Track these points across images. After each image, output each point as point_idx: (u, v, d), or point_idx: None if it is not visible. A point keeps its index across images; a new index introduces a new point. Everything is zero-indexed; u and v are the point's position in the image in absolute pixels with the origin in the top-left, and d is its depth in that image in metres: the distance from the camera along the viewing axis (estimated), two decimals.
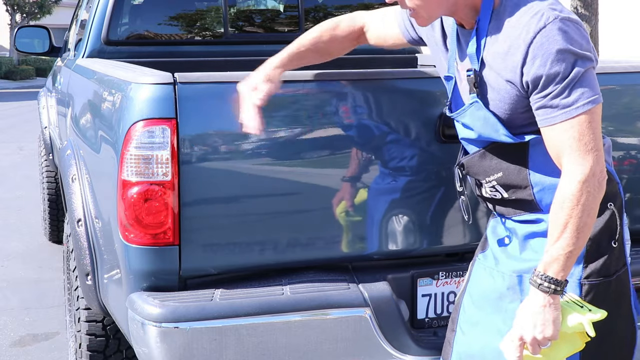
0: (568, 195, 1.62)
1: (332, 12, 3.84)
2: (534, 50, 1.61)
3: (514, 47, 1.64)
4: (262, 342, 1.98)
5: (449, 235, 2.24)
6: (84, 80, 2.90)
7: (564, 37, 1.59)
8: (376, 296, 2.06)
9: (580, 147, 1.61)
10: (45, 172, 4.89)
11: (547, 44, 1.59)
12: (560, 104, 1.61)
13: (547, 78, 1.61)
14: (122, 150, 1.98)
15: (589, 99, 1.60)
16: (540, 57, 1.60)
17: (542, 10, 1.62)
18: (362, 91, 2.13)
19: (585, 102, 1.60)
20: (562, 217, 1.62)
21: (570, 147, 1.62)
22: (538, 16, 1.61)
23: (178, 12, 3.67)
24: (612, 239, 1.76)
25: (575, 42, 1.60)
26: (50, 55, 5.06)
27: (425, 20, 1.76)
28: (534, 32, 1.61)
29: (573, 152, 1.62)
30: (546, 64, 1.60)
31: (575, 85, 1.60)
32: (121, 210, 1.99)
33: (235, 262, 2.10)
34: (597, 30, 8.04)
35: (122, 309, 2.10)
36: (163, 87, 1.96)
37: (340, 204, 2.11)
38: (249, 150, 2.04)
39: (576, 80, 1.60)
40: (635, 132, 2.37)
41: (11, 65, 28.00)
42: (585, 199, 1.61)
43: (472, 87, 1.74)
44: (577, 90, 1.60)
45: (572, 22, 1.62)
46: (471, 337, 1.85)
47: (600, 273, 1.74)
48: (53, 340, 3.68)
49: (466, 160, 1.85)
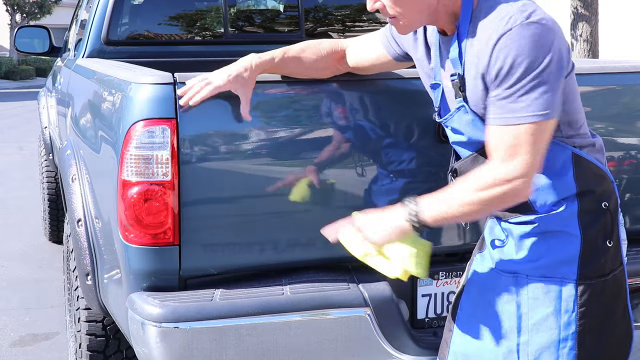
0: (480, 180, 1.64)
1: (332, 12, 3.84)
2: (497, 52, 1.60)
3: (482, 50, 1.64)
4: (262, 342, 1.98)
5: (449, 235, 2.24)
6: (84, 80, 2.90)
7: (527, 42, 1.57)
8: (376, 296, 2.06)
9: (511, 154, 1.61)
10: (45, 172, 4.89)
11: (508, 47, 1.58)
12: (507, 108, 1.61)
13: (501, 79, 1.60)
14: (122, 150, 1.98)
15: (537, 113, 1.59)
16: (500, 59, 1.60)
17: (510, 12, 1.61)
18: (361, 92, 2.13)
19: (531, 115, 1.59)
20: (461, 192, 1.66)
21: (505, 151, 1.62)
22: (506, 19, 1.60)
23: (178, 12, 3.66)
24: (607, 239, 1.76)
25: (540, 48, 1.57)
26: (50, 55, 5.06)
27: (405, 28, 1.76)
28: (499, 35, 1.60)
29: (505, 155, 1.62)
30: (504, 66, 1.59)
31: (527, 94, 1.58)
32: (121, 210, 1.99)
33: (235, 262, 2.10)
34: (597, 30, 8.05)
35: (122, 309, 2.10)
36: (163, 87, 1.97)
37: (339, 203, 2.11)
38: (249, 150, 2.04)
39: (529, 89, 1.58)
40: (635, 132, 2.37)
41: (11, 65, 28.00)
42: (489, 195, 1.63)
43: (458, 92, 1.74)
44: (527, 100, 1.59)
45: (542, 25, 1.58)
46: (468, 337, 1.85)
47: (595, 273, 1.74)
48: (53, 340, 3.68)
49: (459, 165, 1.85)
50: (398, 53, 2.01)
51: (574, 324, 1.73)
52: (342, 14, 3.82)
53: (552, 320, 1.74)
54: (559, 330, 1.74)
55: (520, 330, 1.77)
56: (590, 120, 2.27)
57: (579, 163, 1.74)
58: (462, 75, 1.72)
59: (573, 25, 8.07)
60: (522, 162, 1.61)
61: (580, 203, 1.73)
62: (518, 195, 1.64)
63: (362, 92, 2.13)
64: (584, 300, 1.73)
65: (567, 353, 1.74)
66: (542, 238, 1.76)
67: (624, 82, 2.37)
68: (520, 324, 1.77)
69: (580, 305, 1.73)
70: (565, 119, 1.71)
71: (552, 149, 1.72)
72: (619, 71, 2.38)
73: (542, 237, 1.76)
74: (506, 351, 1.78)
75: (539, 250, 1.76)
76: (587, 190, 1.74)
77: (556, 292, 1.74)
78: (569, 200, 1.74)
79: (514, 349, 1.77)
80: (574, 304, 1.73)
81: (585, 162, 1.75)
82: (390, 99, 2.14)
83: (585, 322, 1.74)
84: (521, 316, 1.77)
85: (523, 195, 1.65)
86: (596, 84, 2.34)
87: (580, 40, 7.97)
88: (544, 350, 1.75)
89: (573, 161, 1.74)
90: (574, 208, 1.73)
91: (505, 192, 1.63)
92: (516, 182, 1.62)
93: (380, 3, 1.73)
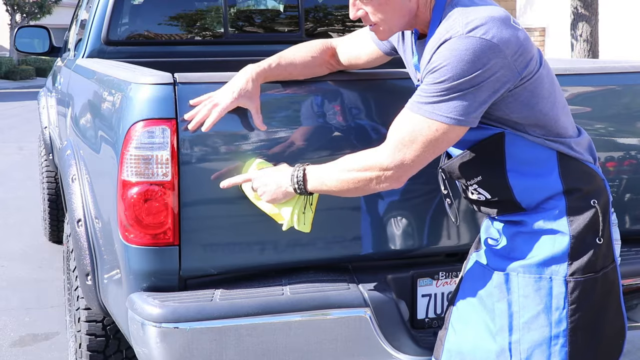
0: (359, 161, 1.75)
1: (332, 12, 3.84)
2: (434, 57, 1.66)
3: (427, 55, 1.70)
4: (262, 342, 1.98)
5: (449, 235, 2.24)
6: (84, 80, 2.90)
7: (458, 53, 1.61)
8: (376, 296, 2.06)
9: (402, 146, 1.69)
10: (45, 172, 4.89)
11: (442, 54, 1.63)
12: (423, 100, 1.67)
13: (428, 75, 1.66)
14: (122, 151, 1.98)
15: (446, 114, 1.65)
16: (434, 62, 1.65)
17: (456, 23, 1.65)
18: (361, 91, 2.13)
19: (440, 114, 1.65)
20: (339, 169, 1.79)
21: (399, 139, 1.69)
22: (450, 29, 1.65)
23: (178, 12, 3.66)
24: (596, 236, 1.76)
25: (469, 62, 1.61)
26: (50, 55, 5.06)
27: (385, 34, 1.82)
28: (439, 43, 1.65)
29: (395, 142, 1.70)
30: (434, 68, 1.64)
31: (445, 96, 1.64)
32: (121, 211, 1.99)
33: (235, 262, 2.10)
34: (597, 30, 8.04)
35: (122, 309, 2.10)
36: (163, 87, 1.96)
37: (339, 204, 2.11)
38: (249, 150, 2.04)
39: (447, 92, 1.63)
40: (635, 132, 2.37)
41: (11, 65, 27.99)
42: (361, 177, 1.74)
43: None
44: (442, 100, 1.64)
45: (481, 41, 1.61)
46: (462, 336, 1.86)
47: (585, 270, 1.75)
48: (53, 340, 3.68)
49: (446, 166, 1.87)
50: (387, 47, 2.07)
51: (565, 321, 1.74)
52: (342, 14, 3.81)
53: (543, 318, 1.75)
54: (550, 327, 1.75)
55: (512, 328, 1.78)
56: (590, 120, 2.28)
57: (565, 161, 1.76)
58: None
59: (573, 25, 8.07)
60: (407, 157, 1.69)
61: (568, 201, 1.75)
62: (384, 183, 1.73)
63: (363, 92, 2.13)
64: (574, 297, 1.74)
65: (559, 350, 1.75)
66: (532, 236, 1.77)
67: (624, 82, 2.37)
68: (511, 322, 1.78)
69: (571, 303, 1.74)
70: (526, 122, 1.74)
71: (536, 148, 1.75)
72: (619, 71, 2.38)
73: (531, 236, 1.77)
74: (499, 349, 1.79)
75: (528, 248, 1.77)
76: (574, 188, 1.75)
77: (546, 289, 1.75)
78: (556, 198, 1.75)
79: (506, 348, 1.78)
80: (564, 301, 1.74)
81: (571, 160, 1.77)
82: (391, 99, 2.14)
83: (577, 319, 1.74)
84: (512, 314, 1.78)
85: (387, 186, 1.74)
86: (596, 84, 2.34)
87: (580, 40, 7.97)
88: (535, 347, 1.76)
89: (558, 159, 1.76)
90: (561, 206, 1.75)
91: (378, 177, 1.72)
92: (388, 172, 1.71)
93: (362, 11, 1.79)
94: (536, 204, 1.77)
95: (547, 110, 1.74)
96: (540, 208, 1.77)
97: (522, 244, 1.79)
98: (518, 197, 1.77)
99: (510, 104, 1.70)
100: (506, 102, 1.70)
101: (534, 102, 1.72)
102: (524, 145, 1.75)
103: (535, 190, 1.76)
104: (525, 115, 1.72)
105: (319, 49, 2.13)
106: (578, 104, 2.27)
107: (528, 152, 1.75)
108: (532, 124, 1.73)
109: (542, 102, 1.73)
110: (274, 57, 2.08)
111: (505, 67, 1.63)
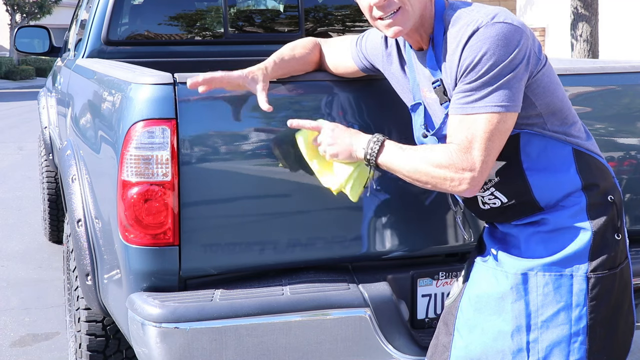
0: (438, 157, 1.69)
1: (332, 12, 3.84)
2: (465, 51, 1.67)
3: (453, 55, 1.70)
4: (262, 342, 1.98)
5: (449, 235, 2.24)
6: (84, 81, 2.90)
7: (493, 39, 1.64)
8: (376, 296, 2.06)
9: (467, 146, 1.67)
10: (45, 172, 4.89)
11: (476, 45, 1.65)
12: (467, 99, 1.66)
13: (466, 73, 1.66)
14: (122, 151, 1.98)
15: (498, 104, 1.65)
16: (469, 57, 1.66)
17: (476, 17, 1.68)
18: (362, 91, 2.13)
19: (492, 105, 1.65)
20: (418, 159, 1.72)
21: (461, 141, 1.67)
22: (472, 23, 1.67)
23: (178, 12, 3.67)
24: (615, 232, 1.77)
25: (505, 45, 1.64)
26: (50, 55, 5.06)
27: (405, 23, 1.75)
28: (468, 36, 1.66)
29: (462, 145, 1.67)
30: (471, 62, 1.65)
31: (487, 87, 1.64)
32: (121, 211, 1.99)
33: (235, 262, 2.10)
34: (597, 30, 8.04)
35: (122, 309, 2.10)
36: (163, 88, 1.96)
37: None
38: (249, 150, 2.04)
39: (489, 82, 1.64)
40: (635, 132, 2.37)
41: (11, 65, 28.00)
42: (439, 174, 1.69)
43: (443, 97, 1.78)
44: (486, 92, 1.65)
45: (508, 25, 1.65)
46: (470, 341, 1.85)
47: (606, 266, 1.75)
48: (53, 340, 3.68)
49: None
50: (366, 66, 2.07)
51: (585, 318, 1.74)
52: (342, 14, 3.82)
53: (563, 316, 1.75)
54: (570, 325, 1.75)
55: (530, 328, 1.77)
56: (590, 120, 2.28)
57: (580, 157, 1.77)
58: (442, 81, 1.77)
59: (573, 25, 8.07)
60: (477, 157, 1.66)
61: (588, 197, 1.75)
62: (462, 186, 1.69)
63: (363, 92, 2.13)
64: (594, 294, 1.74)
65: (578, 348, 1.75)
66: (551, 235, 1.77)
67: (624, 82, 2.37)
68: (529, 322, 1.77)
69: (591, 299, 1.74)
70: (548, 110, 1.75)
71: (552, 145, 1.75)
72: (619, 71, 2.38)
73: (550, 234, 1.77)
74: (515, 349, 1.78)
75: (547, 247, 1.77)
76: (592, 184, 1.76)
77: (567, 286, 1.75)
78: (576, 195, 1.76)
79: (524, 348, 1.78)
80: (585, 298, 1.74)
81: (587, 156, 1.78)
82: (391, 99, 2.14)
83: (596, 316, 1.75)
84: (530, 314, 1.77)
85: (465, 189, 1.69)
86: (596, 84, 2.34)
87: (580, 40, 7.97)
88: (554, 346, 1.76)
89: (574, 156, 1.76)
90: (582, 202, 1.75)
91: (453, 179, 1.68)
92: (467, 174, 1.67)
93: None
94: (555, 201, 1.76)
95: (562, 96, 1.78)
96: (559, 206, 1.76)
97: (540, 243, 1.78)
98: (537, 195, 1.76)
99: (535, 89, 1.72)
100: (532, 89, 1.72)
101: (552, 87, 1.75)
102: (539, 142, 1.75)
103: (554, 187, 1.76)
104: (547, 101, 1.74)
105: (311, 46, 2.16)
106: (578, 104, 2.27)
107: (544, 148, 1.75)
108: (553, 111, 1.75)
109: (558, 88, 1.77)
110: (273, 56, 2.07)
111: (530, 49, 1.68)
